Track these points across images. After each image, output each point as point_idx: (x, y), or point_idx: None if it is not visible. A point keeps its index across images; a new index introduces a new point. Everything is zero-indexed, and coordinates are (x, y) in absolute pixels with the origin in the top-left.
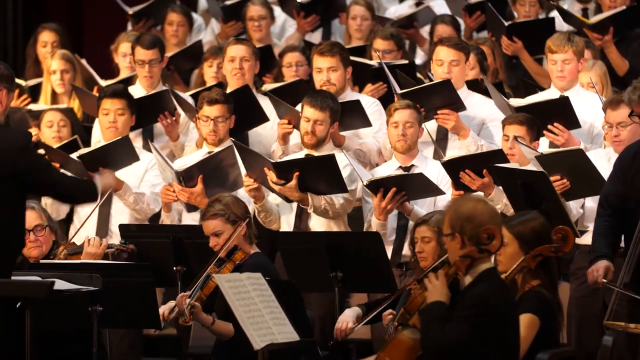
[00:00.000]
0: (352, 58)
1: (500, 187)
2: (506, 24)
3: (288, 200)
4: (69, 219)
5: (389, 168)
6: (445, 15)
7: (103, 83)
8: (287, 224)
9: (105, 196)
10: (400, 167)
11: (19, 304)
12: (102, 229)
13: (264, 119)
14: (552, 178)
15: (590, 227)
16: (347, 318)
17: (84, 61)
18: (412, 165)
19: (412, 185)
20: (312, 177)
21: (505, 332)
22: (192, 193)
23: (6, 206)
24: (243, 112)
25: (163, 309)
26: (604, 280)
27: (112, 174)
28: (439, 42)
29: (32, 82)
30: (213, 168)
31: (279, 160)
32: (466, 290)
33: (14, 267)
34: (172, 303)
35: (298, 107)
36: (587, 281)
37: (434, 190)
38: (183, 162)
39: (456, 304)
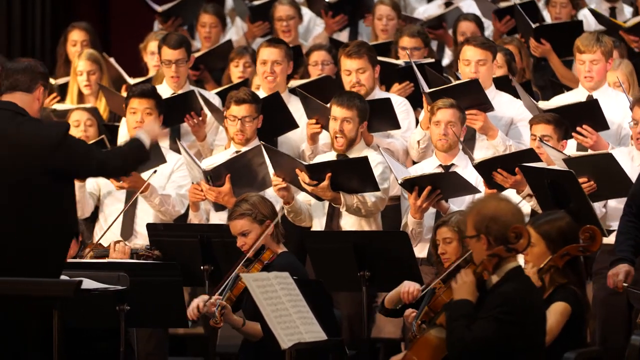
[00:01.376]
0: (378, 58)
1: None
2: (533, 26)
3: (320, 199)
4: (94, 217)
5: (429, 166)
6: (468, 13)
7: (132, 81)
8: (319, 224)
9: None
10: (440, 165)
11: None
12: (127, 229)
13: (293, 125)
14: (579, 180)
15: (614, 226)
16: (412, 283)
17: (112, 60)
18: (452, 164)
19: (447, 183)
20: (344, 176)
21: (530, 331)
22: (220, 192)
23: (50, 200)
24: (273, 118)
25: (197, 302)
26: (625, 285)
27: (153, 125)
28: (465, 41)
29: (61, 80)
30: (241, 167)
31: (311, 163)
32: (493, 289)
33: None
34: (204, 296)
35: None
36: None
37: (469, 189)
38: (211, 162)
39: (483, 303)
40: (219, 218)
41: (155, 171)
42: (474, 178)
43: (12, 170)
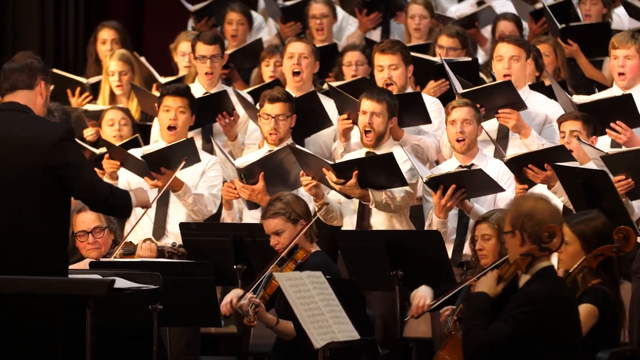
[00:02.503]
0: (414, 54)
1: None
2: (560, 26)
3: (348, 197)
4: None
5: (449, 167)
6: (507, 13)
7: (162, 80)
8: (349, 223)
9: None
10: (460, 165)
11: None
12: (159, 229)
13: (328, 123)
14: (617, 177)
15: None
16: (424, 294)
17: (143, 59)
18: (472, 164)
19: (471, 182)
20: (371, 173)
21: (558, 331)
22: (254, 190)
23: (46, 201)
24: (308, 116)
25: (231, 296)
26: None
27: (146, 192)
28: (499, 39)
29: (93, 79)
30: (274, 166)
31: (337, 162)
32: (520, 288)
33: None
34: (238, 291)
35: None
36: None
37: (493, 187)
38: (245, 160)
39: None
40: (251, 217)
41: (185, 160)
42: (495, 176)
43: (13, 169)
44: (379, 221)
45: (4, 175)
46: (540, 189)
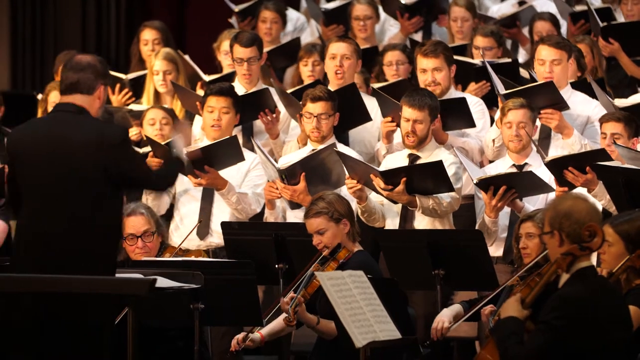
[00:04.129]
0: (455, 57)
1: None
2: (601, 25)
3: (395, 202)
4: (168, 215)
5: (502, 166)
6: (544, 12)
7: (207, 78)
8: (392, 226)
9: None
10: (514, 165)
11: None
12: (203, 228)
13: (367, 118)
14: None
15: None
16: (443, 317)
17: (187, 57)
18: (526, 164)
19: (522, 183)
20: (419, 179)
21: (595, 333)
22: (295, 190)
23: (105, 202)
24: (347, 110)
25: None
26: None
27: (183, 135)
28: (540, 41)
29: (132, 75)
30: (316, 165)
31: (385, 169)
32: (557, 290)
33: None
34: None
35: None
36: None
37: (544, 188)
38: (287, 160)
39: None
40: (294, 216)
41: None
42: (547, 177)
43: (72, 169)
44: (422, 223)
45: (63, 176)
46: (580, 191)
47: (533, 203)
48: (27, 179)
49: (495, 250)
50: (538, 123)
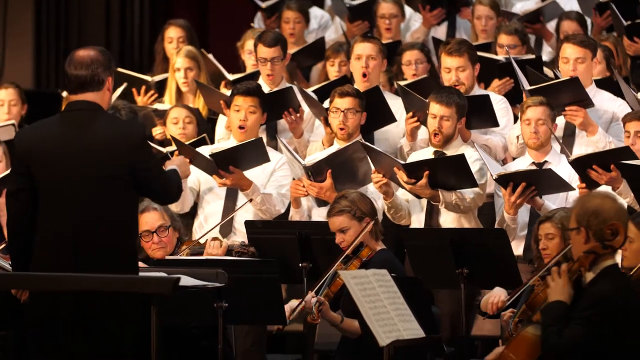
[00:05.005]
0: (478, 53)
1: None
2: (625, 23)
3: (419, 197)
4: (192, 213)
5: (522, 164)
6: (571, 12)
7: (231, 77)
8: (417, 222)
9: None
10: (533, 163)
11: None
12: (226, 227)
13: (392, 119)
14: None
15: None
16: (499, 292)
17: (210, 56)
18: (545, 162)
19: (541, 180)
20: (442, 174)
21: (626, 330)
22: (322, 188)
23: (124, 201)
24: (372, 112)
25: (286, 308)
26: None
27: (184, 161)
28: (564, 39)
29: (158, 77)
30: (343, 162)
31: (408, 162)
32: (587, 287)
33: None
34: (294, 302)
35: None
36: None
37: (563, 186)
38: (313, 158)
39: (578, 301)
40: (318, 214)
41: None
42: (567, 175)
43: (95, 168)
44: (447, 220)
45: (82, 175)
46: (604, 189)
47: (552, 200)
48: (44, 179)
49: (515, 248)
50: (560, 121)
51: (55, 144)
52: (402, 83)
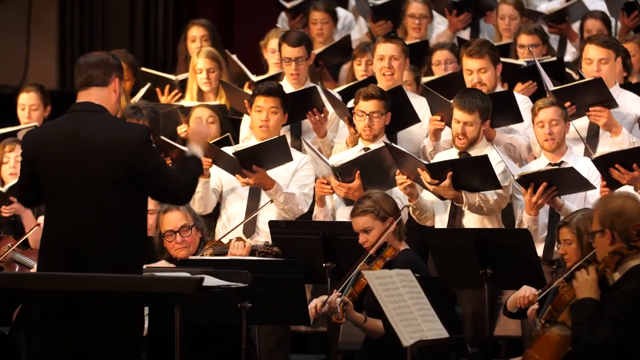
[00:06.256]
0: (500, 59)
1: None
2: None
3: (442, 198)
4: (215, 214)
5: (538, 165)
6: (595, 11)
7: (254, 79)
8: (441, 222)
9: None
10: (550, 163)
11: None
12: (249, 227)
13: (415, 120)
14: None
15: None
16: (529, 287)
17: (234, 57)
18: (562, 162)
19: (562, 179)
20: (465, 175)
21: None
22: (350, 188)
23: (127, 202)
24: (395, 112)
25: (315, 302)
26: None
27: (200, 137)
28: (587, 40)
29: (181, 76)
30: (371, 164)
31: (432, 162)
32: (614, 287)
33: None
34: (323, 297)
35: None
36: None
37: (584, 185)
38: (338, 159)
39: (605, 301)
40: (342, 214)
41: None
42: (585, 174)
43: (95, 170)
44: (470, 221)
45: (87, 176)
46: (626, 189)
47: (571, 200)
48: (50, 180)
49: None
50: (584, 121)
51: (58, 145)
52: (426, 80)
